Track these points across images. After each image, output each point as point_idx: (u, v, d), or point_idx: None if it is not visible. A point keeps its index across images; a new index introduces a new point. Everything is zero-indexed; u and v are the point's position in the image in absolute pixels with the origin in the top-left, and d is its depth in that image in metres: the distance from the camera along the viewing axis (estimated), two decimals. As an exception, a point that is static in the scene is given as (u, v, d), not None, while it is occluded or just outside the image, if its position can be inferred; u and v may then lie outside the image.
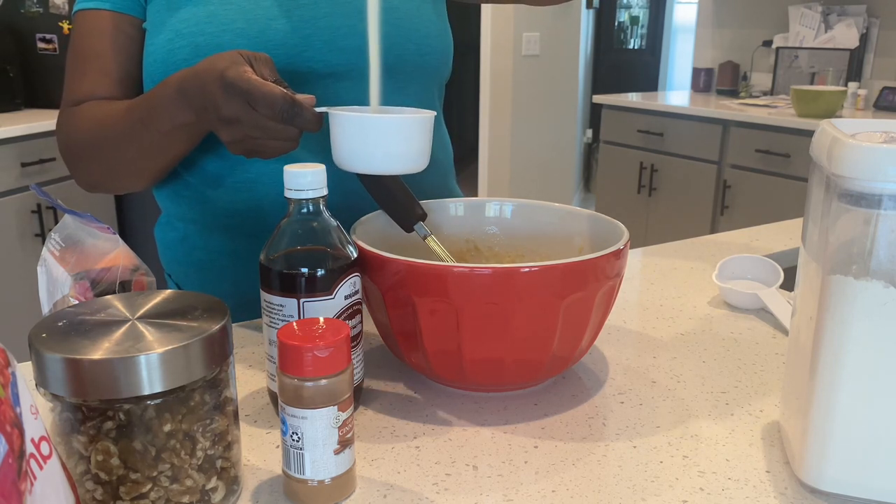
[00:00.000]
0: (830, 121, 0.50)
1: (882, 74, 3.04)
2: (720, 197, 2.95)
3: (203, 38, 0.75)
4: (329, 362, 0.46)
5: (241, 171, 0.79)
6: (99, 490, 0.43)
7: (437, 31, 0.86)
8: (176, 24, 0.77)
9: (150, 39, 0.79)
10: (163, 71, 0.76)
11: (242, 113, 0.63)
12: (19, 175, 2.31)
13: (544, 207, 0.75)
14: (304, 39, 0.77)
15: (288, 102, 0.62)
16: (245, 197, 0.80)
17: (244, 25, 0.76)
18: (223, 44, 0.75)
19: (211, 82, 0.65)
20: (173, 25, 0.77)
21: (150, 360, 0.41)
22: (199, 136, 0.73)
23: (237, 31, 0.76)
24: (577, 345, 0.62)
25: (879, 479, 0.49)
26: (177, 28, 0.77)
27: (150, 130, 0.73)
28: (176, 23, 0.77)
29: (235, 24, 0.76)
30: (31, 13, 2.63)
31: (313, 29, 0.77)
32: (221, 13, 0.76)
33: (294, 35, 0.77)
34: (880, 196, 0.44)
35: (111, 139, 0.77)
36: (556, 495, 0.50)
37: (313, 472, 0.48)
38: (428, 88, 0.87)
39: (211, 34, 0.75)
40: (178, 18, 0.77)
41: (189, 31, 0.76)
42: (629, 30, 5.53)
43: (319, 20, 0.78)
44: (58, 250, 0.60)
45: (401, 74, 0.82)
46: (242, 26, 0.76)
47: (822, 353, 0.48)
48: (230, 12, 0.76)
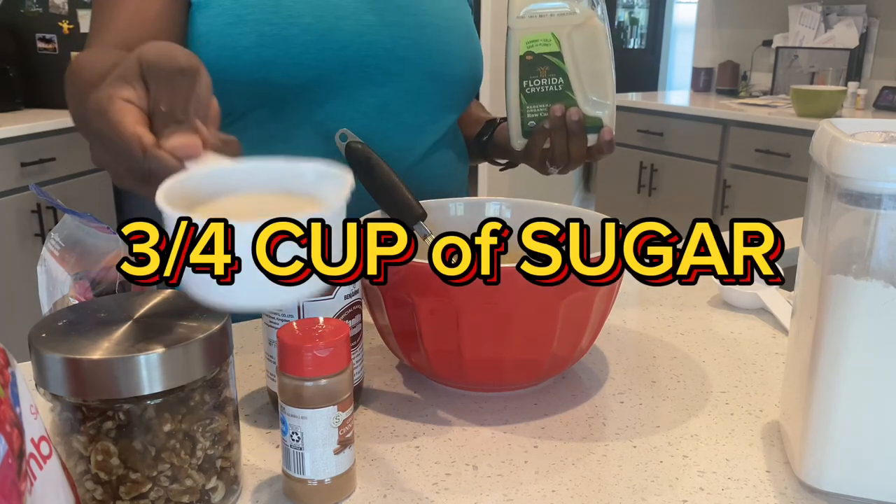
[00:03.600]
0: (830, 120, 0.50)
1: (882, 74, 3.04)
2: (720, 197, 2.95)
3: (269, 28, 0.74)
4: (329, 362, 0.46)
5: None
6: (99, 490, 0.43)
7: (480, 59, 0.92)
8: (236, 7, 0.74)
9: (201, 19, 0.76)
10: (220, 56, 0.73)
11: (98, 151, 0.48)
12: (19, 175, 2.31)
13: (544, 207, 0.75)
14: (368, 45, 0.78)
15: (139, 157, 0.44)
16: None
17: (311, 21, 0.75)
18: (289, 37, 0.74)
19: (95, 94, 0.48)
20: (232, 8, 0.74)
21: (150, 360, 0.41)
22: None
23: (304, 27, 0.75)
24: (577, 345, 0.62)
25: (880, 478, 0.49)
26: (237, 12, 0.74)
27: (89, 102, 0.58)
28: (236, 6, 0.74)
29: (303, 18, 0.75)
30: (30, 13, 2.63)
31: (375, 35, 0.79)
32: (289, 3, 0.75)
33: (358, 38, 0.78)
34: (880, 196, 0.44)
35: (76, 97, 0.67)
36: (556, 495, 0.50)
37: (313, 472, 0.48)
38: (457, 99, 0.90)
39: (278, 24, 0.74)
40: (239, 2, 0.75)
41: (253, 18, 0.74)
42: (629, 29, 5.53)
43: (383, 28, 0.79)
44: (58, 250, 0.60)
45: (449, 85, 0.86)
46: (310, 21, 0.75)
47: (822, 353, 0.48)
48: (298, 5, 0.75)
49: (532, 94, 0.80)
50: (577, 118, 0.78)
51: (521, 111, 0.81)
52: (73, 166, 2.55)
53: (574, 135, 0.80)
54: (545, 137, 0.81)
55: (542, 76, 0.79)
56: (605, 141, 0.80)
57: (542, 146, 0.81)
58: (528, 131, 0.82)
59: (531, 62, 0.79)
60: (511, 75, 0.80)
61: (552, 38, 0.77)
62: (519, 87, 0.80)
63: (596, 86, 0.79)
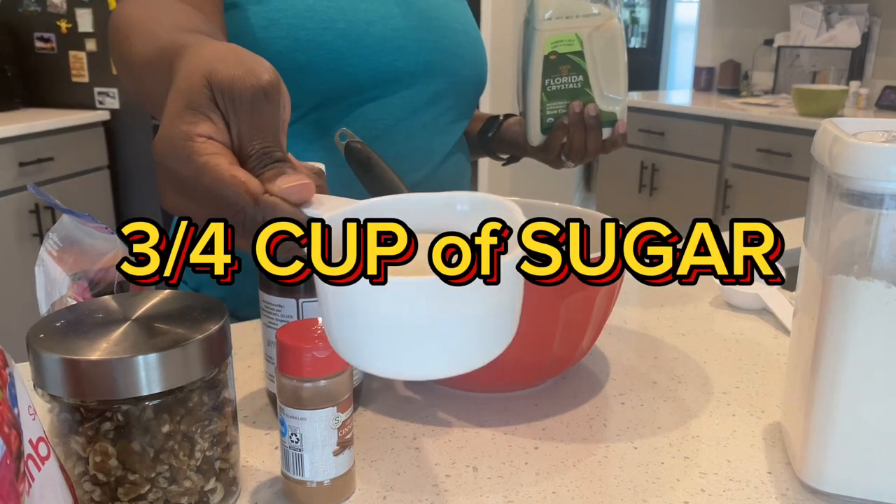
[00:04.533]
0: (832, 120, 0.50)
1: (884, 73, 3.04)
2: (721, 196, 2.95)
3: (305, 34, 0.73)
4: (328, 363, 0.46)
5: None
6: (97, 491, 0.43)
7: (485, 64, 0.93)
8: (268, 10, 0.74)
9: (233, 19, 0.75)
10: None
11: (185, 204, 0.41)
12: (17, 175, 2.31)
13: (544, 207, 0.75)
14: (397, 50, 0.79)
15: (249, 208, 0.39)
16: None
17: (345, 27, 0.75)
18: (324, 43, 0.74)
19: (163, 130, 0.40)
20: (264, 12, 0.74)
21: (149, 361, 0.41)
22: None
23: (338, 32, 0.75)
24: (578, 345, 0.62)
25: (881, 479, 0.49)
26: (270, 16, 0.74)
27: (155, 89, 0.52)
28: (267, 9, 0.74)
29: (336, 24, 0.75)
30: (29, 12, 2.63)
31: (403, 40, 0.79)
32: (321, 8, 0.75)
33: (388, 44, 0.78)
34: (882, 195, 0.44)
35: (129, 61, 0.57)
36: (556, 497, 0.50)
37: (312, 474, 0.48)
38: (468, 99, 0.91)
39: (312, 30, 0.74)
40: (270, 5, 0.74)
41: (287, 23, 0.73)
42: (630, 29, 5.53)
43: (409, 32, 0.80)
44: (56, 250, 0.60)
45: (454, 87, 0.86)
46: (343, 27, 0.75)
47: (824, 354, 0.48)
48: (330, 10, 0.75)
49: (553, 91, 0.84)
50: (594, 114, 0.83)
51: (541, 108, 0.85)
52: (71, 166, 2.55)
53: (591, 129, 0.84)
54: (564, 133, 0.84)
55: (563, 74, 0.83)
56: (620, 134, 0.85)
57: (561, 141, 0.85)
58: (548, 127, 0.86)
59: (554, 61, 0.82)
60: (533, 74, 0.83)
61: (575, 39, 0.82)
62: (541, 86, 0.83)
63: (611, 82, 0.84)
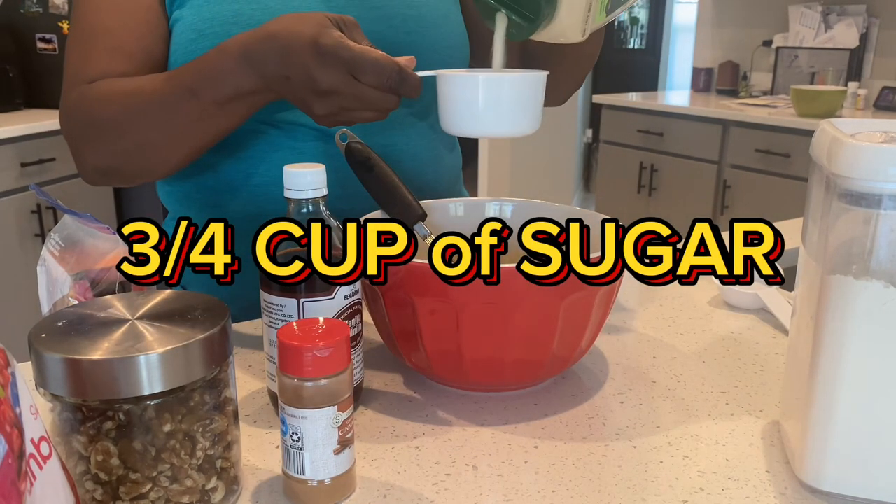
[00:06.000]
0: (830, 120, 0.50)
1: (882, 74, 3.04)
2: (720, 197, 2.95)
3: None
4: (329, 362, 0.46)
5: (257, 177, 0.79)
6: (99, 490, 0.43)
7: (462, 42, 0.87)
8: (197, 22, 0.73)
9: (172, 37, 0.75)
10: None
11: (343, 84, 0.59)
12: (19, 175, 2.31)
13: (544, 207, 0.75)
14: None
15: (395, 71, 0.59)
16: (259, 201, 0.79)
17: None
18: None
19: (299, 50, 0.59)
20: (194, 24, 0.73)
21: (150, 361, 0.41)
22: (260, 105, 0.68)
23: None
24: (577, 345, 0.62)
25: (880, 478, 0.49)
26: (199, 27, 0.73)
27: (201, 100, 0.66)
28: (197, 21, 0.73)
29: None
30: (30, 13, 2.62)
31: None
32: (248, 12, 0.73)
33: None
34: (880, 196, 0.44)
35: (146, 112, 0.69)
36: (556, 495, 0.50)
37: (313, 473, 0.48)
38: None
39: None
40: (199, 15, 0.73)
41: (213, 32, 0.73)
42: (629, 29, 5.53)
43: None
44: (57, 250, 0.60)
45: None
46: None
47: (823, 353, 0.48)
48: (257, 13, 0.73)
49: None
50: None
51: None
52: (72, 167, 2.54)
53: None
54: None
55: None
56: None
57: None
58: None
59: None
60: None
61: None
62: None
63: None
